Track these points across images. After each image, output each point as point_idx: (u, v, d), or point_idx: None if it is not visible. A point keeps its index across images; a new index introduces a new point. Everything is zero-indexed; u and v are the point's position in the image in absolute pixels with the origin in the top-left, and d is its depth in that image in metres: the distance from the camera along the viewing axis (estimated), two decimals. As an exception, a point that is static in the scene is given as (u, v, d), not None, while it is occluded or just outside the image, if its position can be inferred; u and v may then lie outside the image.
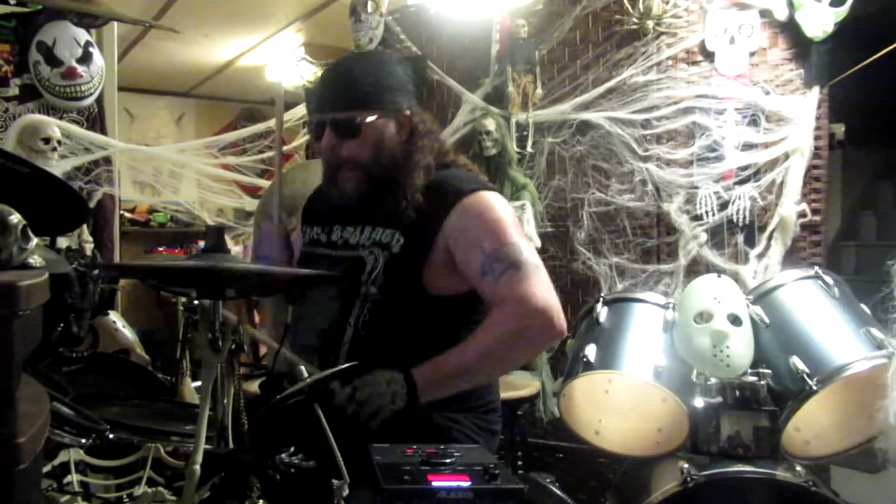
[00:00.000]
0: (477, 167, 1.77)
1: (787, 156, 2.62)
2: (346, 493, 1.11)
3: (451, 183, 1.56)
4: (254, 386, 1.72)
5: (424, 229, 1.52)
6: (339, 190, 1.59)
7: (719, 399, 1.82)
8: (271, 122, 3.97)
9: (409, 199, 1.53)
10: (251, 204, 3.83)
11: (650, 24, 2.80)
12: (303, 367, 1.24)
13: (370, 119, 1.55)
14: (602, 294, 2.19)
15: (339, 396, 1.32)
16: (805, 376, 1.73)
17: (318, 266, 1.60)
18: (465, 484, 0.98)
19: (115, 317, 2.87)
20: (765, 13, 2.67)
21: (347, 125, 1.54)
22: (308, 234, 1.74)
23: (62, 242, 2.80)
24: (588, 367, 1.90)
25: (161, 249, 6.07)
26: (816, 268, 1.99)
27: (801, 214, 2.61)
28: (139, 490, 1.21)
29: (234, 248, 3.74)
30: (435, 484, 0.98)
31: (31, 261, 0.93)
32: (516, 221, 1.56)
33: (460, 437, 1.52)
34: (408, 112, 1.60)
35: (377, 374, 1.41)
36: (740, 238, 2.67)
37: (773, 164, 2.64)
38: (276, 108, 1.99)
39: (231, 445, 1.14)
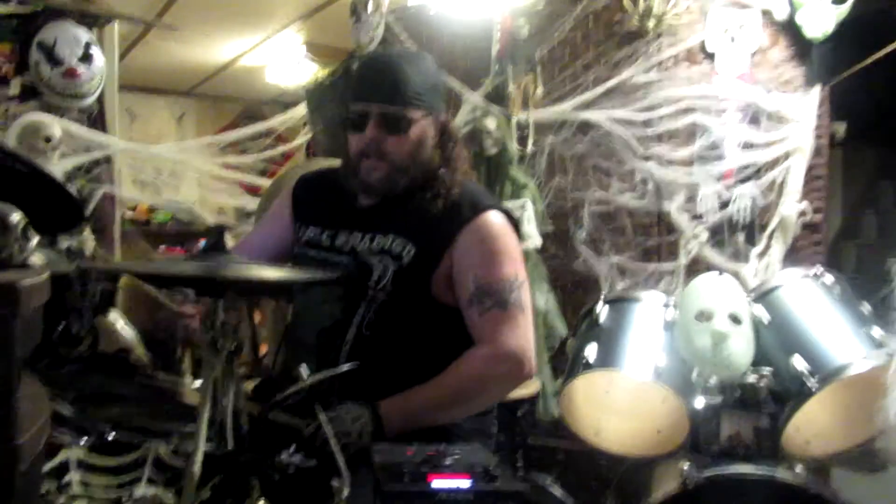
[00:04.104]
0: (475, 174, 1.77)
1: (787, 155, 2.62)
2: (346, 493, 1.11)
3: (466, 198, 1.56)
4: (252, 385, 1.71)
5: (437, 242, 1.52)
6: (363, 180, 1.57)
7: (720, 399, 1.82)
8: (272, 122, 3.98)
9: (439, 202, 1.53)
10: (252, 203, 3.83)
11: (651, 23, 2.80)
12: (303, 368, 1.24)
13: (420, 116, 1.54)
14: (603, 293, 2.19)
15: (305, 433, 1.31)
16: (805, 376, 1.73)
17: (319, 269, 1.59)
18: (466, 484, 0.98)
19: (115, 316, 2.86)
20: (765, 13, 2.67)
21: (398, 120, 1.53)
22: (304, 232, 1.69)
23: (63, 242, 2.80)
24: (588, 366, 1.90)
25: (162, 249, 6.07)
26: (817, 267, 1.99)
27: (802, 214, 2.61)
28: (139, 490, 1.21)
29: (235, 248, 3.73)
30: (435, 484, 0.98)
31: (31, 260, 0.93)
32: (517, 254, 1.56)
33: (454, 439, 1.52)
34: (443, 116, 1.61)
35: (344, 411, 1.40)
36: (741, 237, 2.67)
37: (773, 163, 2.64)
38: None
39: (231, 446, 1.14)
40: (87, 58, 3.30)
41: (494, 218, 1.54)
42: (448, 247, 1.52)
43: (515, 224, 1.60)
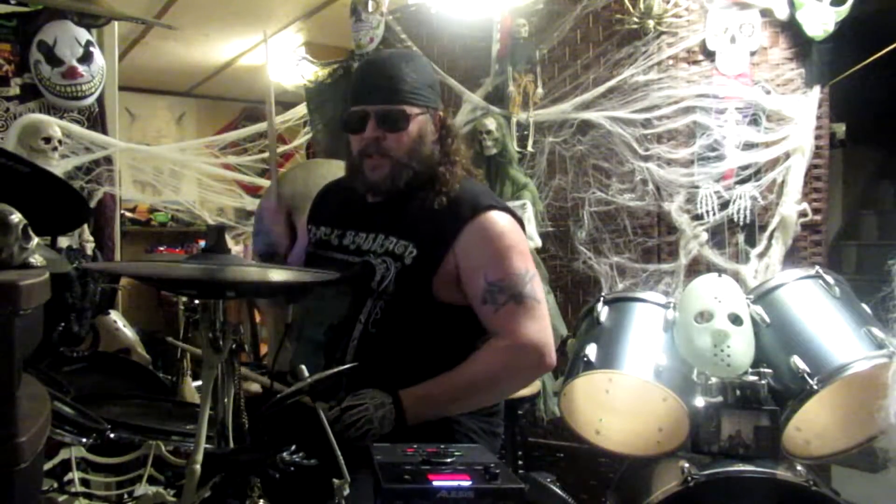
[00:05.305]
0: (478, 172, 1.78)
1: (787, 155, 2.62)
2: (346, 492, 1.11)
3: (467, 198, 1.57)
4: (255, 386, 1.72)
5: (437, 243, 1.53)
6: (367, 179, 1.59)
7: (720, 398, 1.81)
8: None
9: (440, 200, 1.54)
10: (252, 203, 3.83)
11: (651, 23, 2.80)
12: (303, 367, 1.24)
13: (417, 112, 1.56)
14: (603, 293, 2.19)
15: (329, 416, 1.33)
16: (806, 376, 1.73)
17: (327, 269, 1.60)
18: (466, 483, 0.98)
19: (115, 316, 2.87)
20: (765, 12, 2.67)
21: (396, 117, 1.55)
22: (316, 233, 1.73)
23: (63, 242, 2.80)
24: (589, 366, 1.90)
25: (162, 249, 6.07)
26: (817, 267, 1.99)
27: (802, 214, 2.60)
28: (140, 489, 1.21)
29: (235, 248, 3.73)
30: (435, 483, 0.98)
31: (31, 260, 0.93)
32: (525, 248, 1.57)
33: (462, 438, 1.52)
34: (441, 112, 1.63)
35: (366, 397, 1.42)
36: (741, 237, 2.67)
37: (773, 163, 2.64)
38: (267, 107, 2.01)
39: (231, 445, 1.14)
40: (87, 58, 3.31)
41: (495, 217, 1.54)
42: (448, 248, 1.52)
43: (520, 221, 1.61)
